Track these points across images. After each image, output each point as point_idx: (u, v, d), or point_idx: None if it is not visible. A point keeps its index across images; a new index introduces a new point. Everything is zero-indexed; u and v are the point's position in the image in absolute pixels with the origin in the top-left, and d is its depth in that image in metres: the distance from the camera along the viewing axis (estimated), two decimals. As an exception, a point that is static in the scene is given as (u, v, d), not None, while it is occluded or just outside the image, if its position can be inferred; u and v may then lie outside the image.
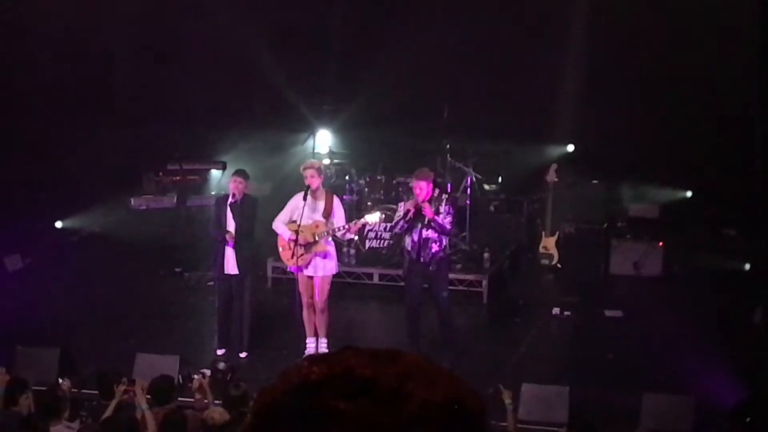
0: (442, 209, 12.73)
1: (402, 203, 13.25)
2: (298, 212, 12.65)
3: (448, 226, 12.83)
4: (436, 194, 12.88)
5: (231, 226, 13.07)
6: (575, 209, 18.62)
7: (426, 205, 12.58)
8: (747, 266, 17.07)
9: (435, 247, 12.81)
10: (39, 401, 9.92)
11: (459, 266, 15.75)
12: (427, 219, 12.60)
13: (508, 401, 10.24)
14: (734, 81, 17.96)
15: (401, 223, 12.81)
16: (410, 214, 12.66)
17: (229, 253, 13.14)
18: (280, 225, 12.89)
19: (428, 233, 12.70)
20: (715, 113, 18.15)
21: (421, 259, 12.79)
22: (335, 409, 1.49)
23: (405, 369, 1.55)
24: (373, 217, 13.23)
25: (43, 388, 10.72)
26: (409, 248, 12.89)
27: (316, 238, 12.67)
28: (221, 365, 12.69)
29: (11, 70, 17.67)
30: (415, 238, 12.75)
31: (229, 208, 13.06)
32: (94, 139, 18.76)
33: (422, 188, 12.61)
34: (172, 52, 19.71)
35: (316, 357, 1.61)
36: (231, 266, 13.19)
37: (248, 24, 20.09)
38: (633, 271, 17.00)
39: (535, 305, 15.82)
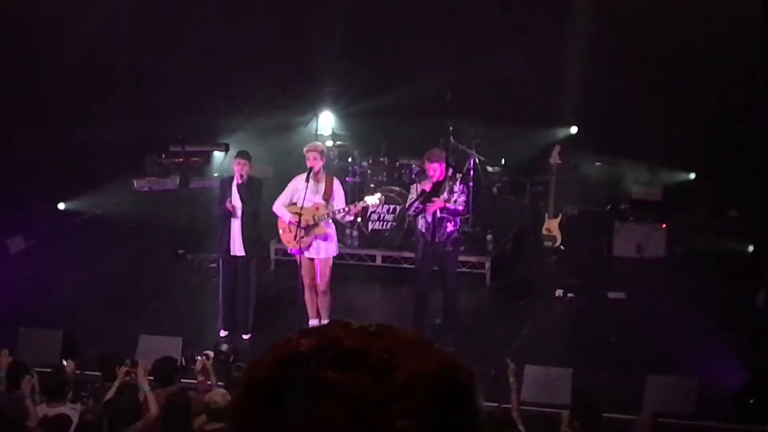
0: (456, 188, 12.75)
1: (415, 185, 13.23)
2: (299, 194, 12.65)
3: (461, 207, 12.85)
4: (450, 173, 12.89)
5: (238, 207, 13.06)
6: (578, 191, 18.60)
7: (435, 200, 12.58)
8: (750, 248, 17.06)
9: (450, 227, 12.83)
10: (44, 382, 9.94)
11: (462, 248, 15.71)
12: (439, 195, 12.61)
13: (512, 380, 10.23)
14: (738, 63, 17.95)
15: (416, 204, 12.79)
16: (424, 196, 12.64)
17: (236, 235, 13.14)
18: (280, 207, 12.89)
19: (442, 213, 12.70)
20: (718, 95, 18.10)
21: (436, 239, 12.79)
22: (324, 380, 1.49)
23: (394, 341, 1.56)
24: (373, 199, 13.21)
25: (47, 370, 10.75)
26: (423, 230, 12.87)
27: (317, 221, 12.66)
28: (224, 347, 12.71)
29: (13, 52, 17.65)
30: (429, 219, 12.73)
31: (236, 189, 13.06)
32: (97, 120, 18.73)
33: (436, 169, 12.63)
34: (175, 34, 19.66)
35: (306, 330, 1.61)
36: (237, 248, 13.19)
37: (252, 5, 20.06)
38: (636, 253, 16.98)
39: (538, 287, 15.81)
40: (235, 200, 13.06)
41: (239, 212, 13.05)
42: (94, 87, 18.78)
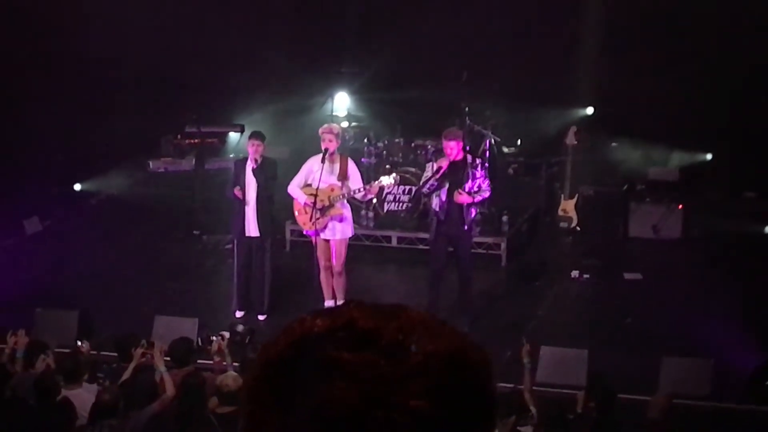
0: (478, 174, 12.70)
1: (431, 163, 13.19)
2: (314, 176, 12.63)
3: (487, 194, 12.88)
4: (470, 160, 12.83)
5: (252, 188, 13.05)
6: (594, 172, 18.57)
7: (461, 193, 12.54)
8: (766, 229, 17.01)
9: (474, 212, 12.85)
10: (60, 364, 9.96)
11: (478, 229, 15.70)
12: (460, 182, 12.58)
13: (526, 360, 10.21)
14: (755, 44, 17.85)
15: (431, 182, 12.74)
16: (441, 173, 12.60)
17: (250, 216, 13.13)
18: (295, 189, 12.87)
19: (472, 206, 12.72)
20: (735, 75, 18.03)
21: (465, 227, 12.76)
22: (339, 360, 1.49)
23: (408, 322, 1.55)
24: (388, 180, 13.17)
25: (64, 350, 10.80)
26: (437, 209, 12.81)
27: (332, 202, 12.65)
28: (240, 328, 12.72)
29: (29, 33, 17.67)
30: (443, 198, 12.68)
31: (250, 172, 13.04)
32: (113, 101, 18.75)
33: (453, 148, 12.57)
34: (191, 16, 19.64)
35: (319, 311, 1.61)
36: (252, 229, 13.19)
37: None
38: (652, 234, 16.94)
39: (554, 268, 15.77)
40: (250, 182, 13.05)
41: (254, 194, 13.04)
42: (110, 69, 18.78)
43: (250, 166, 13.06)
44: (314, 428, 1.47)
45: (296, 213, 13.16)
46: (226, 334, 11.75)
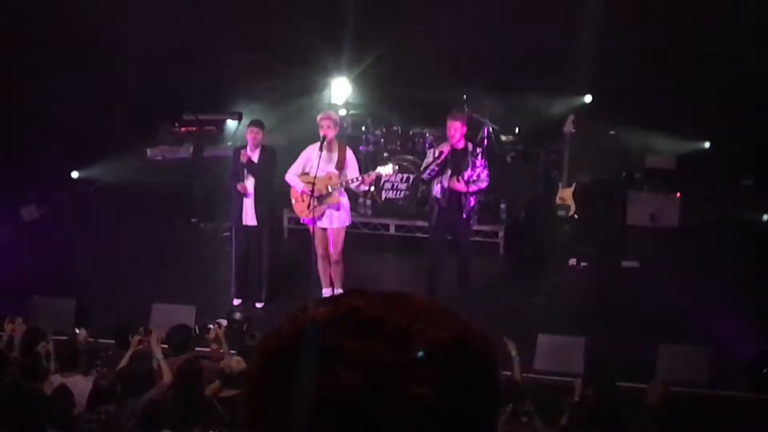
0: (478, 162, 12.65)
1: (432, 149, 13.14)
2: (312, 164, 12.61)
3: (485, 184, 12.78)
4: (471, 148, 12.77)
5: (250, 177, 13.03)
6: (592, 160, 18.56)
7: (458, 181, 12.49)
8: (764, 217, 17.03)
9: (472, 201, 12.78)
10: (58, 352, 9.97)
11: (476, 217, 15.67)
12: (461, 169, 12.52)
13: (513, 353, 10.21)
14: (752, 31, 17.83)
15: (432, 167, 12.68)
16: (442, 158, 12.55)
17: (248, 205, 13.11)
18: (292, 177, 12.85)
19: (469, 195, 12.67)
20: (732, 63, 18.01)
21: (464, 215, 12.71)
22: (342, 348, 1.47)
23: (412, 309, 1.54)
24: (386, 169, 13.17)
25: (62, 338, 10.80)
26: (439, 195, 12.72)
27: (330, 190, 12.63)
28: (238, 315, 12.71)
29: (27, 22, 17.63)
30: (445, 184, 12.62)
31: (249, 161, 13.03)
32: (110, 89, 18.71)
33: (457, 128, 12.51)
34: (189, 4, 19.60)
35: (322, 299, 1.60)
36: (249, 217, 13.16)
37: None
38: (650, 222, 16.95)
39: (552, 256, 15.79)
40: (248, 173, 13.03)
41: (251, 186, 13.01)
42: (108, 56, 18.73)
43: (246, 159, 13.02)
44: (317, 416, 1.46)
45: (293, 201, 13.14)
46: (224, 322, 11.77)
